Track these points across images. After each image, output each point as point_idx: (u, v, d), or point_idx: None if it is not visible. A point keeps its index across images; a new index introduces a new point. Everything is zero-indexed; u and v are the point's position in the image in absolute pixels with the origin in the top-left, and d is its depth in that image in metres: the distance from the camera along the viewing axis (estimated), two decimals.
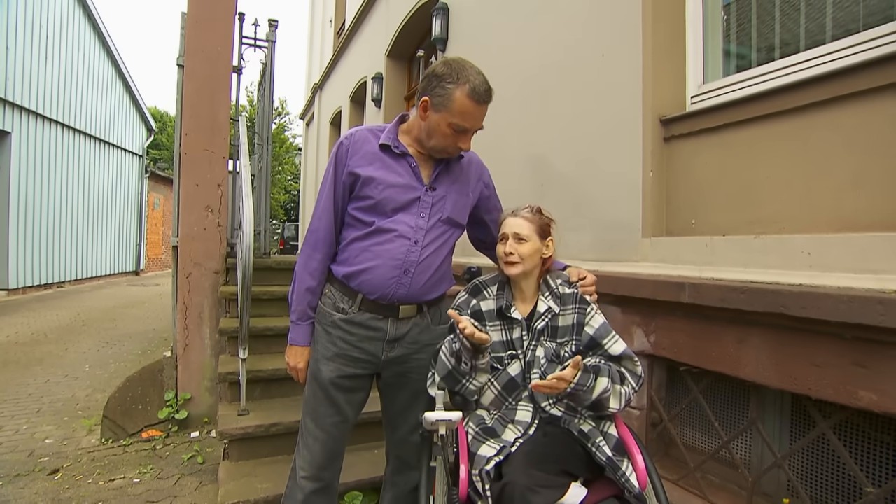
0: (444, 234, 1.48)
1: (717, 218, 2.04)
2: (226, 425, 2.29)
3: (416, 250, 1.41)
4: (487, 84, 1.35)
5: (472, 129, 1.37)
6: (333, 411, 1.47)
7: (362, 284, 1.41)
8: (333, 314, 1.46)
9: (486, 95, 1.34)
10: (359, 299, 1.43)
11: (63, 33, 10.31)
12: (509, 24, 3.50)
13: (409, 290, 1.43)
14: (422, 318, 1.50)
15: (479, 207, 1.63)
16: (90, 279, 11.83)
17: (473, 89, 1.31)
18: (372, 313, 1.44)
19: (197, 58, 3.17)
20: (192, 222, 3.12)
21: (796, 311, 1.41)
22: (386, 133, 1.45)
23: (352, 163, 1.41)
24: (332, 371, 1.45)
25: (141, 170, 14.62)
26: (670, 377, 2.11)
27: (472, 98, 1.31)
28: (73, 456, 2.71)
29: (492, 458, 1.24)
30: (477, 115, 1.34)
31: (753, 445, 1.80)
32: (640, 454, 1.30)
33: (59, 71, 10.17)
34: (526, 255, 1.43)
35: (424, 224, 1.42)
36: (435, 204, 1.44)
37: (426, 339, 1.51)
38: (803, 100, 1.69)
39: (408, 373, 1.52)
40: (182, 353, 3.08)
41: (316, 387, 1.48)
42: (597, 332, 1.41)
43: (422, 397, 1.53)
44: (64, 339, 5.64)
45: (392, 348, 1.47)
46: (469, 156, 1.57)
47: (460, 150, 1.40)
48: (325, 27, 10.99)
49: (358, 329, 1.44)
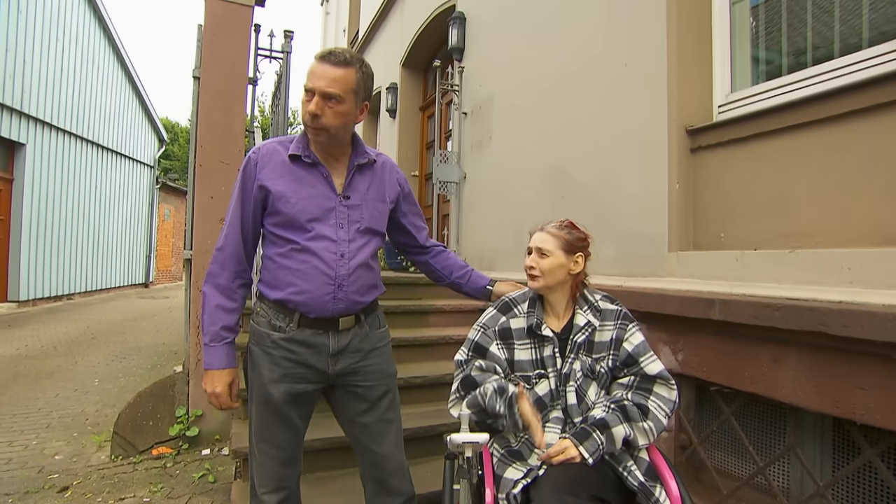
0: (367, 245, 1.48)
1: (747, 231, 2.02)
2: (239, 443, 2.29)
3: (344, 263, 1.41)
4: (339, 49, 1.36)
5: (314, 90, 1.32)
6: (287, 428, 1.46)
7: (299, 305, 1.41)
8: (272, 333, 1.43)
9: (328, 53, 1.33)
10: (297, 317, 1.42)
11: (78, 46, 10.64)
12: (528, 33, 3.53)
13: (346, 304, 1.43)
14: (360, 328, 1.50)
15: (396, 211, 1.62)
16: (100, 291, 12.03)
17: (319, 52, 1.33)
18: (312, 329, 1.43)
19: (213, 70, 3.25)
20: (205, 235, 3.16)
21: (837, 329, 1.39)
22: (295, 143, 1.44)
23: (261, 176, 1.40)
24: (284, 391, 1.43)
25: (152, 181, 14.91)
26: (699, 397, 2.07)
27: (315, 58, 1.33)
28: (83, 473, 2.73)
29: (519, 480, 1.23)
30: (318, 72, 1.31)
31: (792, 472, 1.75)
32: (674, 479, 1.28)
33: (73, 83, 10.48)
34: (546, 269, 1.44)
35: (346, 235, 1.42)
36: (352, 214, 1.44)
37: (367, 345, 1.51)
38: (839, 108, 1.67)
39: (357, 382, 1.50)
40: (194, 368, 3.10)
41: (265, 411, 1.45)
42: (635, 350, 1.41)
43: (378, 406, 1.51)
44: (73, 352, 5.73)
45: (336, 361, 1.46)
46: (382, 160, 1.57)
47: (310, 115, 1.34)
48: (339, 36, 11.18)
49: (299, 346, 1.43)
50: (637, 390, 1.38)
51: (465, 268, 1.74)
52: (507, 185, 3.78)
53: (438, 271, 1.72)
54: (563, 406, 1.39)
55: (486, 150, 4.18)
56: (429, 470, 2.27)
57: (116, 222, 12.87)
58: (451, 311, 3.47)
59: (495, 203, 3.92)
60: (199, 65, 3.29)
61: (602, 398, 1.41)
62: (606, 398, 1.41)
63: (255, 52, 3.65)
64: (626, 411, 1.33)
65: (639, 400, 1.35)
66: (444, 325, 3.43)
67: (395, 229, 1.68)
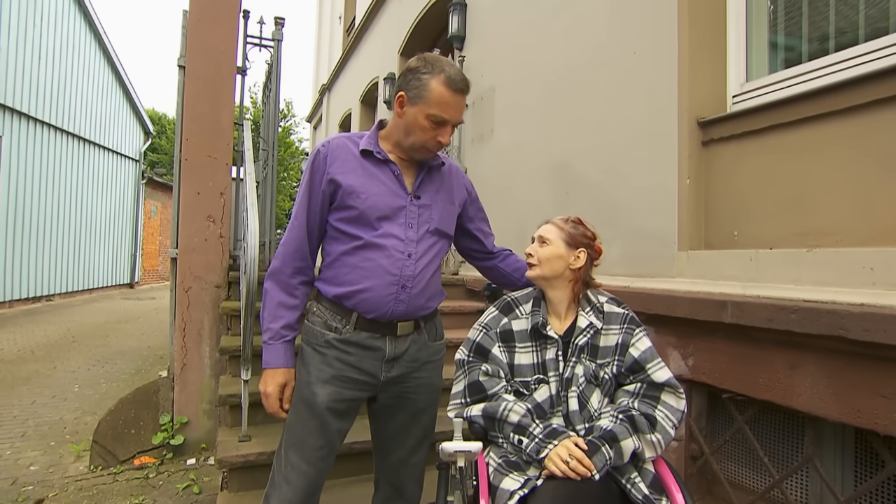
0: (435, 246, 1.50)
1: (762, 229, 2.00)
2: (225, 452, 2.29)
3: (410, 264, 1.42)
4: (463, 74, 1.38)
5: (450, 122, 1.38)
6: (323, 442, 1.45)
7: (358, 304, 1.41)
8: (326, 333, 1.45)
9: (463, 84, 1.36)
10: (354, 318, 1.43)
11: (58, 33, 10.63)
12: (532, 20, 3.51)
13: (408, 307, 1.44)
14: (419, 335, 1.51)
15: (463, 216, 1.66)
16: (81, 292, 12.04)
17: (449, 77, 1.34)
18: (369, 332, 1.44)
19: (199, 58, 3.24)
20: (192, 233, 3.16)
21: (858, 334, 1.37)
22: (366, 139, 1.46)
23: (332, 170, 1.42)
24: (330, 395, 1.43)
25: (137, 175, 14.92)
26: (711, 405, 2.06)
27: (448, 86, 1.34)
28: (60, 485, 2.72)
29: (515, 492, 1.22)
30: (453, 104, 1.36)
31: (811, 485, 1.74)
32: (680, 492, 1.27)
33: (52, 72, 10.47)
34: (544, 258, 1.45)
35: (414, 235, 1.44)
36: (422, 214, 1.46)
37: (424, 356, 1.53)
38: (863, 98, 1.65)
39: (406, 393, 1.52)
40: (179, 373, 3.10)
41: (307, 414, 1.45)
42: (642, 356, 1.40)
43: (420, 418, 1.55)
44: (52, 356, 5.73)
45: (391, 368, 1.47)
46: (449, 163, 1.61)
47: (440, 144, 1.41)
48: (334, 24, 11.18)
49: (355, 349, 1.44)
50: (644, 398, 1.37)
51: None
52: (510, 181, 3.77)
53: (509, 275, 1.75)
54: (564, 412, 1.38)
55: (487, 143, 4.17)
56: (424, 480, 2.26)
57: (100, 219, 12.88)
58: (450, 313, 3.46)
59: (497, 199, 3.91)
60: (185, 53, 3.28)
61: (607, 406, 1.40)
62: (612, 407, 1.40)
63: (243, 40, 3.64)
64: (635, 422, 1.32)
65: (646, 409, 1.34)
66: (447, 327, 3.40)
67: (462, 235, 1.72)
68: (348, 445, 2.30)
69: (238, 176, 3.52)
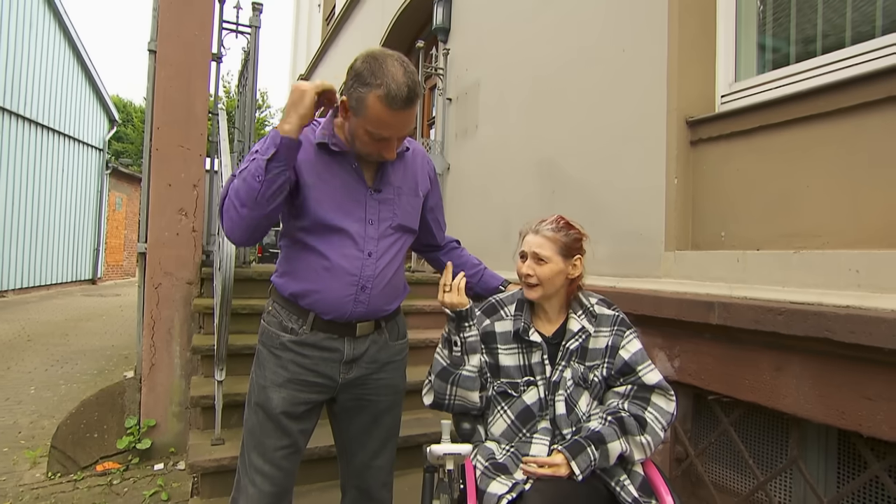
0: (397, 243, 1.45)
1: (750, 230, 2.05)
2: (197, 456, 2.25)
3: (370, 263, 1.38)
4: (410, 85, 1.21)
5: (392, 137, 1.29)
6: (286, 442, 1.43)
7: (314, 304, 1.38)
8: (281, 335, 1.41)
9: (403, 102, 1.21)
10: (310, 318, 1.39)
11: (13, 11, 10.24)
12: (520, 14, 3.53)
13: (368, 308, 1.40)
14: (379, 335, 1.48)
15: (423, 206, 1.57)
16: (38, 288, 11.68)
17: (388, 94, 1.19)
18: (326, 333, 1.40)
19: (171, 43, 3.17)
20: (162, 227, 3.09)
21: (844, 336, 1.41)
22: (321, 129, 1.37)
23: None
24: (285, 399, 1.40)
25: (101, 165, 14.53)
26: (697, 407, 2.10)
27: (386, 104, 1.20)
28: (14, 493, 2.64)
29: (503, 495, 1.23)
30: (393, 122, 1.24)
31: (794, 487, 1.79)
32: (670, 495, 1.29)
33: (8, 54, 10.11)
34: (545, 277, 1.43)
35: (375, 232, 1.39)
36: (383, 209, 1.41)
37: (384, 357, 1.49)
38: (850, 100, 1.70)
39: (366, 395, 1.49)
40: (147, 373, 3.03)
41: (263, 416, 1.42)
42: (632, 358, 1.43)
43: (382, 420, 1.52)
44: (5, 356, 5.54)
45: (349, 369, 1.44)
46: (413, 148, 1.52)
47: (384, 158, 1.34)
48: (313, 12, 11.07)
49: (311, 351, 1.40)
50: (634, 400, 1.39)
51: (478, 266, 1.73)
52: (494, 178, 3.78)
53: None
54: (551, 416, 1.39)
55: (471, 139, 4.17)
56: (406, 484, 2.26)
57: (59, 211, 12.51)
58: (431, 312, 3.46)
59: (481, 196, 3.92)
60: (156, 37, 3.20)
61: (596, 409, 1.42)
62: (601, 408, 1.41)
63: (219, 26, 3.57)
64: (624, 424, 1.34)
65: (636, 411, 1.36)
66: (423, 327, 3.41)
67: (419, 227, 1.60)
68: (326, 449, 2.28)
69: (212, 168, 3.46)
